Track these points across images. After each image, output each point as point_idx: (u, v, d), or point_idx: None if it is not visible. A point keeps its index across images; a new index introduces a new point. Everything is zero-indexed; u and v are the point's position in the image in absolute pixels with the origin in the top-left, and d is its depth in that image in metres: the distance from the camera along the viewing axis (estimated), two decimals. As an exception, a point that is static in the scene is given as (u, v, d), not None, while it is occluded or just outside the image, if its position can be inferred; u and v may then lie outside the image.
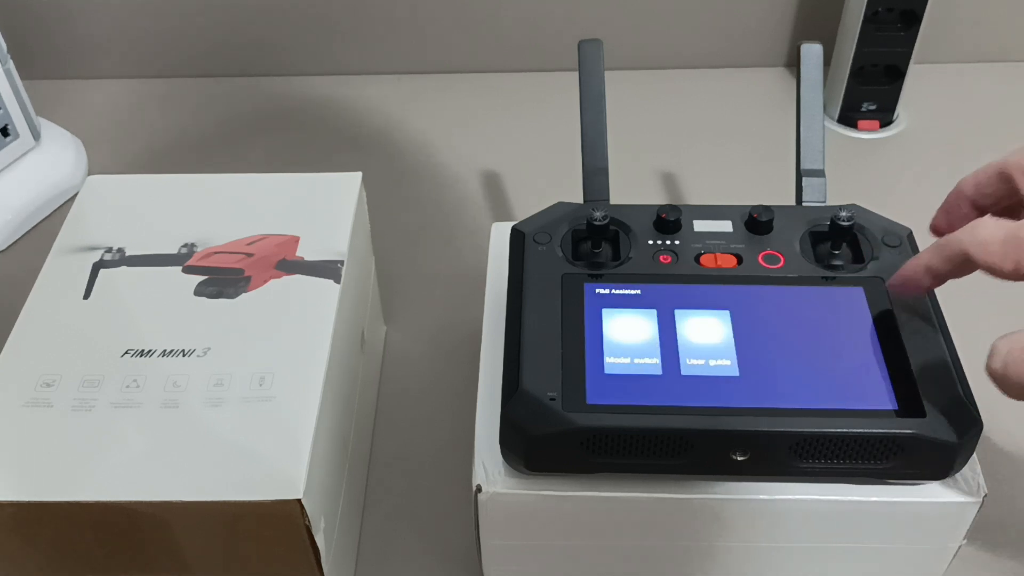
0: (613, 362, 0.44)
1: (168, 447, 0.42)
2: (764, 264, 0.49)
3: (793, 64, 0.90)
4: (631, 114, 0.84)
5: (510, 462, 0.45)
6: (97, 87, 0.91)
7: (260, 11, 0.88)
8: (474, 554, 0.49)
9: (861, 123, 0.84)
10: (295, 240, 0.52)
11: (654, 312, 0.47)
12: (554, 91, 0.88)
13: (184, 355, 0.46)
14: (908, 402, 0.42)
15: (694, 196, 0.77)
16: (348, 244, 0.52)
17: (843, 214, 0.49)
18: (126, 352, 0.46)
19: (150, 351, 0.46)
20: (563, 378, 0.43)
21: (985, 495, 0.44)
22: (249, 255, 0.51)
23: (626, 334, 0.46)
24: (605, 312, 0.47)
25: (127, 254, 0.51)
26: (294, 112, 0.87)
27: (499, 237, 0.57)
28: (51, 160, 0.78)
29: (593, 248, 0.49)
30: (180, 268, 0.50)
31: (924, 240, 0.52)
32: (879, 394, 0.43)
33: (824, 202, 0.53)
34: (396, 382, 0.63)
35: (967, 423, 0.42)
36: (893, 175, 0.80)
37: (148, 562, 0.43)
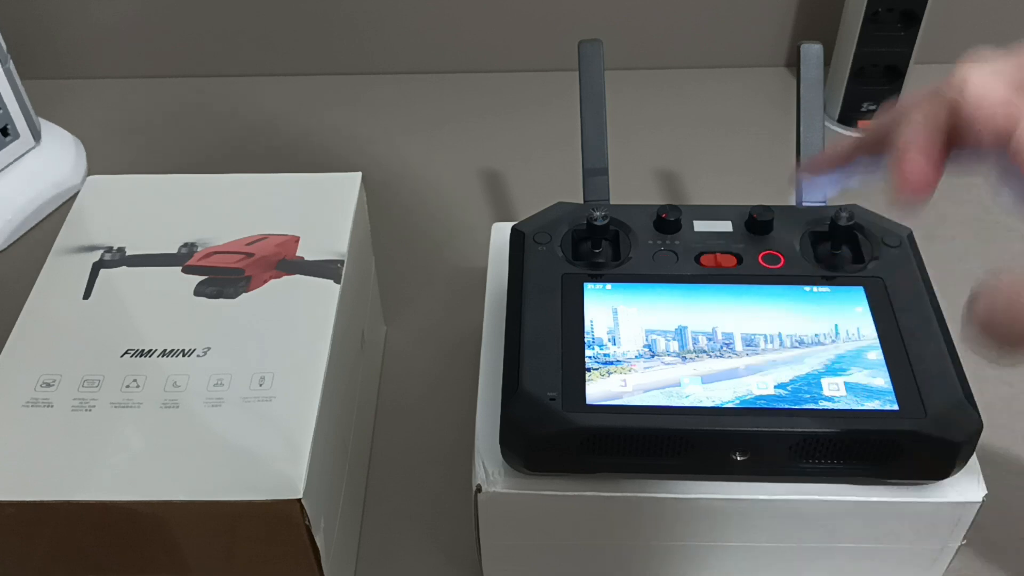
0: (613, 362, 0.44)
1: (168, 447, 0.42)
2: (764, 264, 0.49)
3: (793, 64, 0.90)
4: (631, 114, 0.84)
5: (510, 462, 0.45)
6: (97, 87, 0.91)
7: (260, 11, 0.88)
8: (474, 554, 0.49)
9: (861, 123, 0.84)
10: (295, 240, 0.52)
11: (654, 312, 0.47)
12: (554, 91, 0.88)
13: (184, 355, 0.46)
14: (909, 402, 0.42)
15: (694, 196, 0.77)
16: (348, 244, 0.52)
17: (843, 214, 0.49)
18: (126, 352, 0.46)
19: (150, 351, 0.46)
20: (563, 378, 0.43)
21: (985, 495, 0.44)
22: (249, 255, 0.51)
23: (626, 334, 0.46)
24: (605, 312, 0.47)
25: (127, 254, 0.51)
26: (294, 112, 0.87)
27: (499, 237, 0.57)
28: (51, 160, 0.78)
29: (593, 248, 0.49)
30: (180, 268, 0.50)
31: (924, 240, 0.52)
32: (880, 394, 0.43)
33: (824, 202, 0.53)
34: (396, 382, 0.63)
35: (967, 423, 0.42)
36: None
37: (148, 562, 0.43)
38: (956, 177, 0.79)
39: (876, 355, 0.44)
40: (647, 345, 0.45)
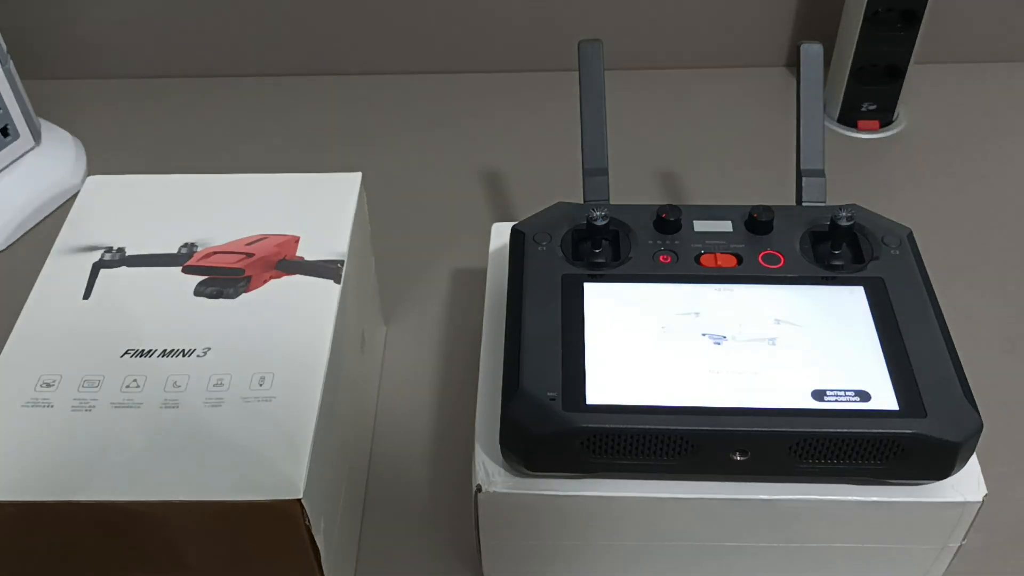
0: (613, 362, 0.44)
1: (168, 447, 0.42)
2: (764, 264, 0.49)
3: (793, 64, 0.90)
4: (631, 114, 0.84)
5: (510, 462, 0.45)
6: (97, 87, 0.91)
7: (260, 11, 0.88)
8: (474, 554, 0.49)
9: (861, 123, 0.84)
10: (295, 240, 0.52)
11: (654, 312, 0.47)
12: (554, 91, 0.88)
13: (184, 355, 0.46)
14: (909, 402, 0.42)
15: (694, 196, 0.77)
16: (348, 244, 0.52)
17: (843, 214, 0.49)
18: (126, 352, 0.46)
19: (150, 351, 0.46)
20: (563, 378, 0.43)
21: (985, 495, 0.44)
22: (249, 255, 0.51)
23: (626, 334, 0.46)
24: (605, 312, 0.47)
25: (127, 254, 0.51)
26: (294, 112, 0.87)
27: (499, 237, 0.57)
28: (51, 160, 0.78)
29: (593, 248, 0.49)
30: (180, 268, 0.50)
31: (924, 240, 0.52)
32: (880, 394, 0.43)
33: (824, 202, 0.53)
34: (396, 382, 0.63)
35: (967, 423, 0.42)
36: (893, 175, 0.80)
37: (148, 562, 0.43)
38: (956, 177, 0.79)
39: (876, 355, 0.44)
40: (647, 345, 0.45)
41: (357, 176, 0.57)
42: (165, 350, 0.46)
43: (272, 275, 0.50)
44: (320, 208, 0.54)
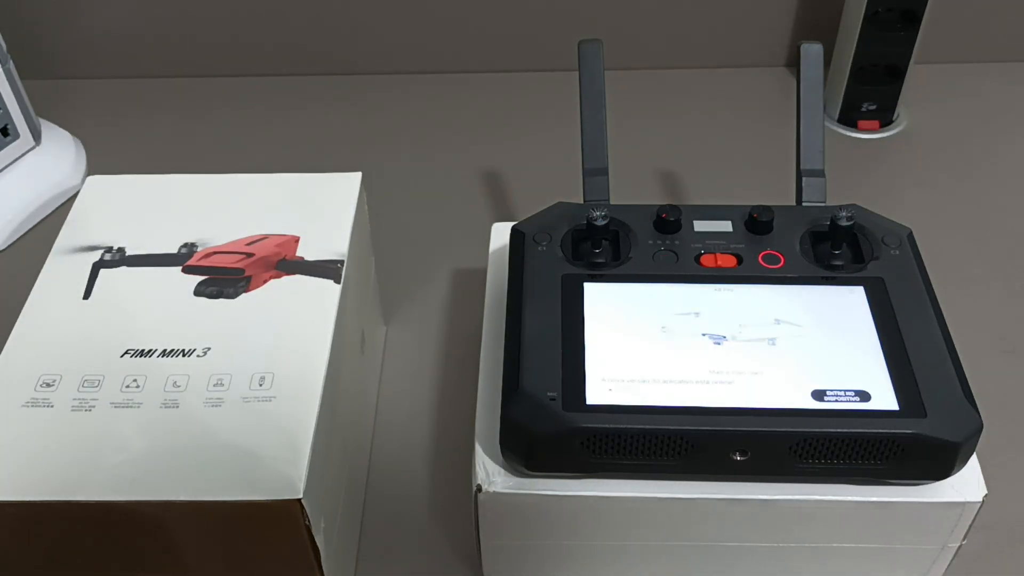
0: (613, 362, 0.44)
1: (168, 447, 0.42)
2: (764, 264, 0.49)
3: (793, 64, 0.90)
4: (631, 114, 0.84)
5: (510, 462, 0.45)
6: (97, 87, 0.91)
7: (260, 11, 0.88)
8: (474, 554, 0.49)
9: (861, 123, 0.84)
10: (295, 240, 0.52)
11: (654, 312, 0.47)
12: (554, 91, 0.88)
13: (184, 355, 0.46)
14: (909, 402, 0.42)
15: (694, 196, 0.77)
16: (348, 244, 0.52)
17: (843, 214, 0.49)
18: (126, 352, 0.46)
19: (150, 351, 0.46)
20: (563, 378, 0.43)
21: (985, 495, 0.44)
22: (249, 255, 0.51)
23: (626, 334, 0.46)
24: (605, 312, 0.47)
25: (127, 254, 0.51)
26: (294, 112, 0.87)
27: (499, 237, 0.57)
28: (51, 160, 0.78)
29: (593, 248, 0.49)
30: (180, 268, 0.50)
31: (924, 240, 0.52)
32: (880, 394, 0.43)
33: (824, 202, 0.53)
34: (396, 382, 0.63)
35: (967, 423, 0.42)
36: (893, 175, 0.80)
37: (148, 562, 0.43)
38: (956, 177, 0.79)
39: (876, 355, 0.44)
40: (647, 345, 0.45)
41: (357, 176, 0.57)
42: (165, 350, 0.46)
43: (272, 275, 0.50)
44: (320, 208, 0.54)
